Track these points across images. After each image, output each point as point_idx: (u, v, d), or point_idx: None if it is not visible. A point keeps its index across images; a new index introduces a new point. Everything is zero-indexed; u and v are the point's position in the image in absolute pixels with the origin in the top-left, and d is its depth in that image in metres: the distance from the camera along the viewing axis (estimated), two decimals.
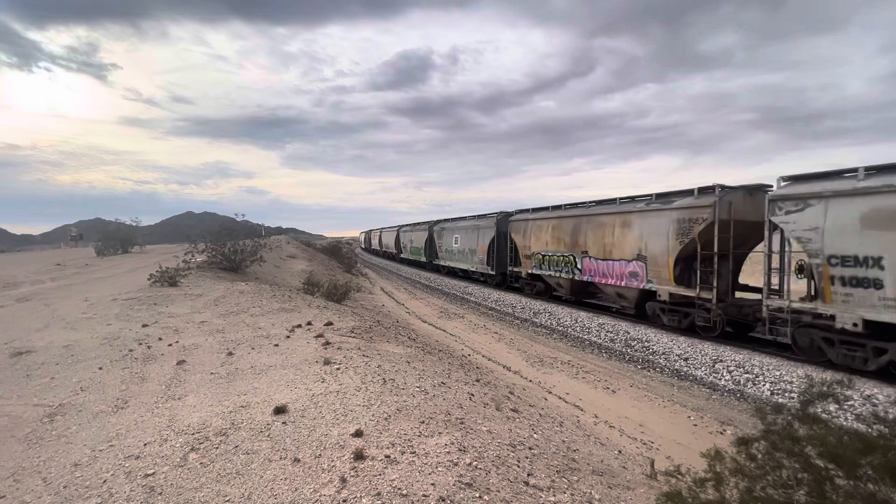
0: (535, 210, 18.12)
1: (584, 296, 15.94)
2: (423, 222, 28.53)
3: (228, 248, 16.35)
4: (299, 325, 7.81)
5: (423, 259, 31.20)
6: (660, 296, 11.55)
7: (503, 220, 20.27)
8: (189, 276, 13.22)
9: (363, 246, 68.55)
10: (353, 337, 7.35)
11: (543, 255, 16.54)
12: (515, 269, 18.86)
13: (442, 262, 28.40)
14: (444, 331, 13.65)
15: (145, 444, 3.68)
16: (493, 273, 20.93)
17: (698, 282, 10.58)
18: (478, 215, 23.89)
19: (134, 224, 30.46)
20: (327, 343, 6.54)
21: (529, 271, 17.62)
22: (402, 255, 38.61)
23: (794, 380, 7.96)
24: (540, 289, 17.69)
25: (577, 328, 13.34)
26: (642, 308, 12.55)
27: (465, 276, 25.26)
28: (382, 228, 52.92)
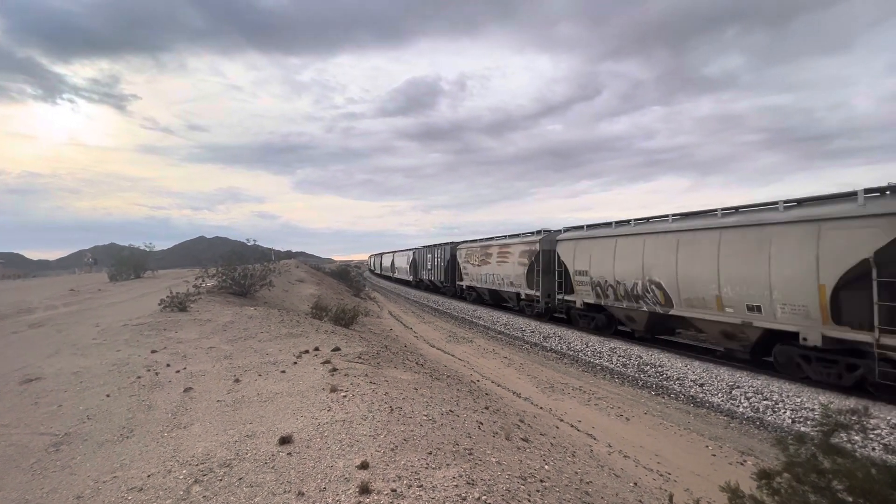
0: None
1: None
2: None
3: (238, 272, 16.48)
4: (307, 351, 7.76)
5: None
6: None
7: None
8: (199, 301, 13.30)
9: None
10: (361, 363, 7.27)
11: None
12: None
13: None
14: (452, 355, 13.48)
15: (149, 476, 3.62)
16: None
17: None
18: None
19: (146, 249, 30.95)
20: (334, 369, 6.47)
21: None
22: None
23: (815, 407, 7.68)
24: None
25: (589, 353, 13.10)
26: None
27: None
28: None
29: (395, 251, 50.32)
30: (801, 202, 9.03)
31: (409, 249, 41.75)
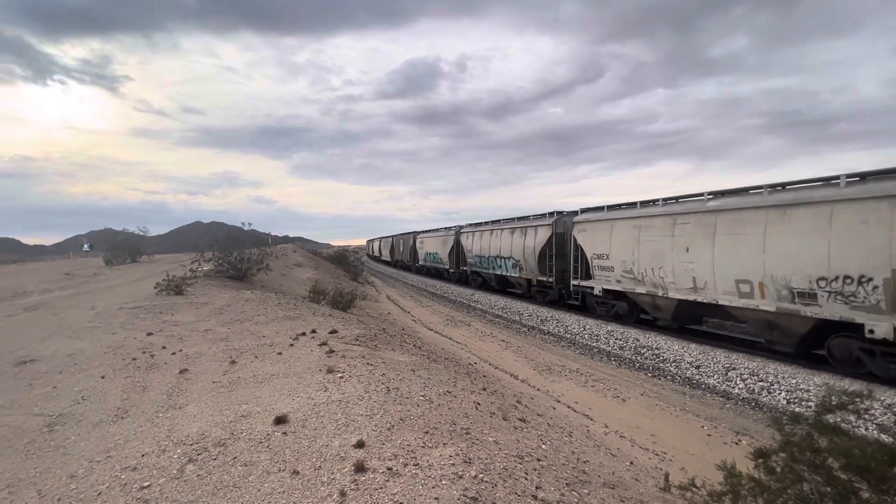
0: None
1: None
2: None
3: (235, 256, 16.40)
4: (303, 333, 7.73)
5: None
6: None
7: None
8: (195, 285, 13.24)
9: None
10: (358, 345, 7.25)
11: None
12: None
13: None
14: (450, 338, 13.51)
15: (143, 455, 3.60)
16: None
17: None
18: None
19: (141, 233, 30.78)
20: (331, 351, 6.44)
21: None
22: None
23: (811, 388, 7.73)
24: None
25: (586, 335, 13.14)
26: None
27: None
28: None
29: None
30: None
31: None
